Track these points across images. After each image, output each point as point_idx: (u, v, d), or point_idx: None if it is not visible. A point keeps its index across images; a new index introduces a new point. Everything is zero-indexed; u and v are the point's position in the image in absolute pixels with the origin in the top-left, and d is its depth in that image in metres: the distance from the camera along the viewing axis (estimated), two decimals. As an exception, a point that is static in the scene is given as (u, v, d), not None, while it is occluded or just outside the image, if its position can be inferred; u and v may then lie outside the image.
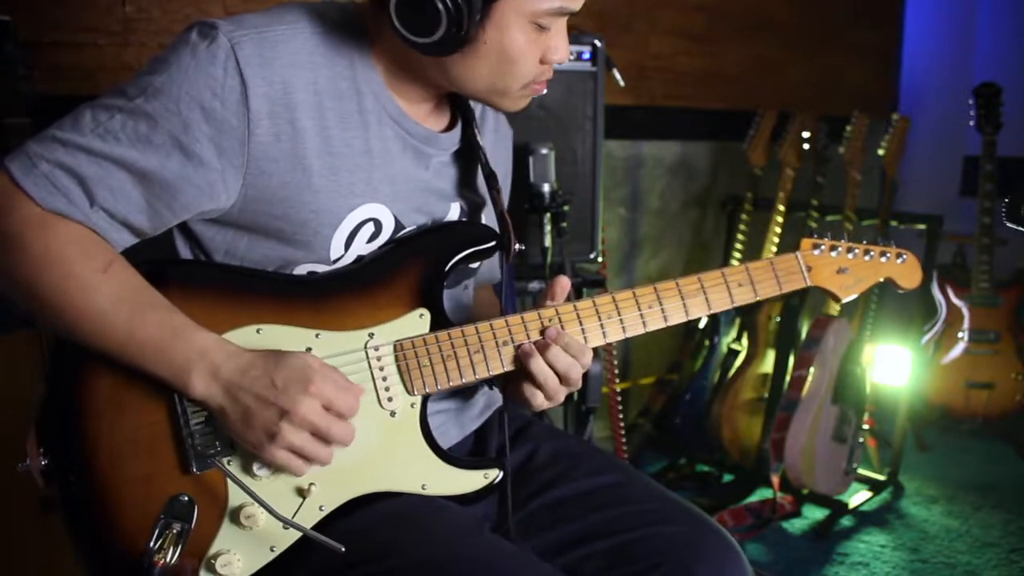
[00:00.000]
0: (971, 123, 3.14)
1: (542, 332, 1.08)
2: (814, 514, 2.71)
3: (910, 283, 1.27)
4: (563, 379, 1.07)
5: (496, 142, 1.31)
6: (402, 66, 1.08)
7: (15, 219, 0.93)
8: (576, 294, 2.14)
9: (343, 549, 0.95)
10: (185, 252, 1.08)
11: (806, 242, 1.23)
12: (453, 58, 1.02)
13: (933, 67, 4.06)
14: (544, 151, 1.95)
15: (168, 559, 0.93)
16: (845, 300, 1.25)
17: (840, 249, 1.23)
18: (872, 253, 1.25)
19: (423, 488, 1.05)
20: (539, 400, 1.08)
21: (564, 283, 1.11)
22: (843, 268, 1.23)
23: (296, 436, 0.94)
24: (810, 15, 3.62)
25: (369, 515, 1.02)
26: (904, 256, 1.26)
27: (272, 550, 0.99)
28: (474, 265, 1.22)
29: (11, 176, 0.93)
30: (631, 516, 1.13)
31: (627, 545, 1.10)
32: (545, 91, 1.11)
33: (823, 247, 1.22)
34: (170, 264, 1.05)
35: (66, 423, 0.97)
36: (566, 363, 1.06)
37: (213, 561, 0.97)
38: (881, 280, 1.26)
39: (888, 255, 1.25)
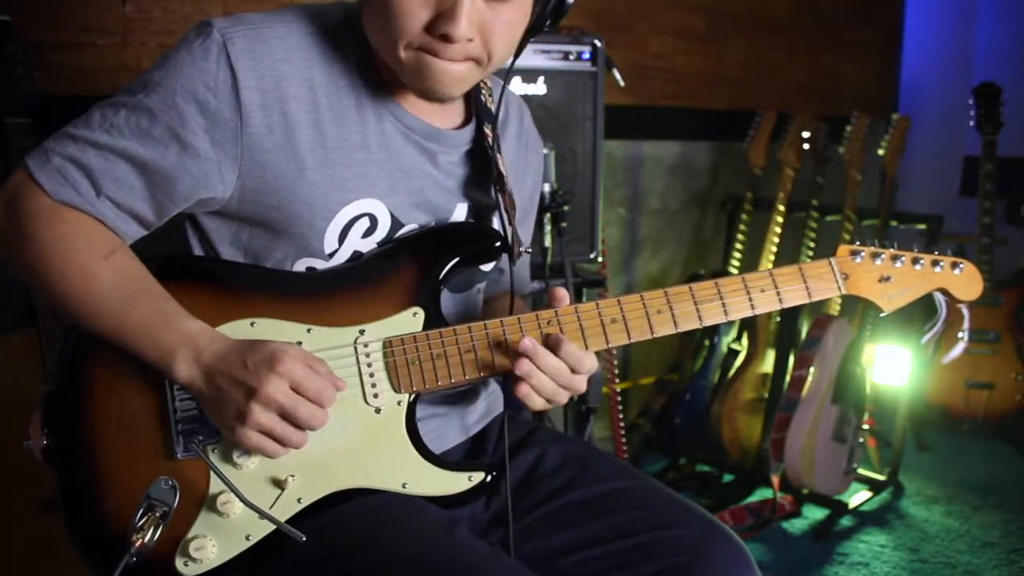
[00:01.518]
0: (971, 123, 3.14)
1: (546, 336, 1.06)
2: (814, 514, 2.71)
3: (969, 294, 1.17)
4: (556, 381, 1.05)
5: (519, 149, 1.29)
6: None
7: (29, 210, 0.99)
8: (576, 294, 2.14)
9: (303, 538, 0.97)
10: (195, 244, 1.11)
11: (843, 248, 1.15)
12: (364, 13, 1.05)
13: (933, 67, 4.06)
14: (544, 151, 1.94)
15: (146, 540, 0.96)
16: (889, 311, 1.16)
17: (884, 257, 1.15)
18: (922, 262, 1.16)
19: (404, 487, 1.05)
20: (536, 402, 1.06)
21: (562, 295, 1.09)
22: (886, 276, 1.15)
23: (264, 416, 0.95)
24: (810, 15, 3.62)
25: (347, 510, 1.03)
26: (962, 265, 1.17)
27: (247, 539, 1.00)
28: (486, 268, 1.22)
29: (28, 170, 1.00)
30: (641, 520, 1.13)
31: (636, 548, 1.10)
32: (457, 72, 1.02)
33: (863, 254, 1.14)
34: (173, 259, 1.09)
35: (69, 404, 1.01)
36: (554, 366, 1.04)
37: (188, 546, 0.98)
38: (933, 291, 1.17)
39: (942, 264, 1.16)
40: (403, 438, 1.06)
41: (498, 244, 1.14)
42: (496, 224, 1.20)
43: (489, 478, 1.08)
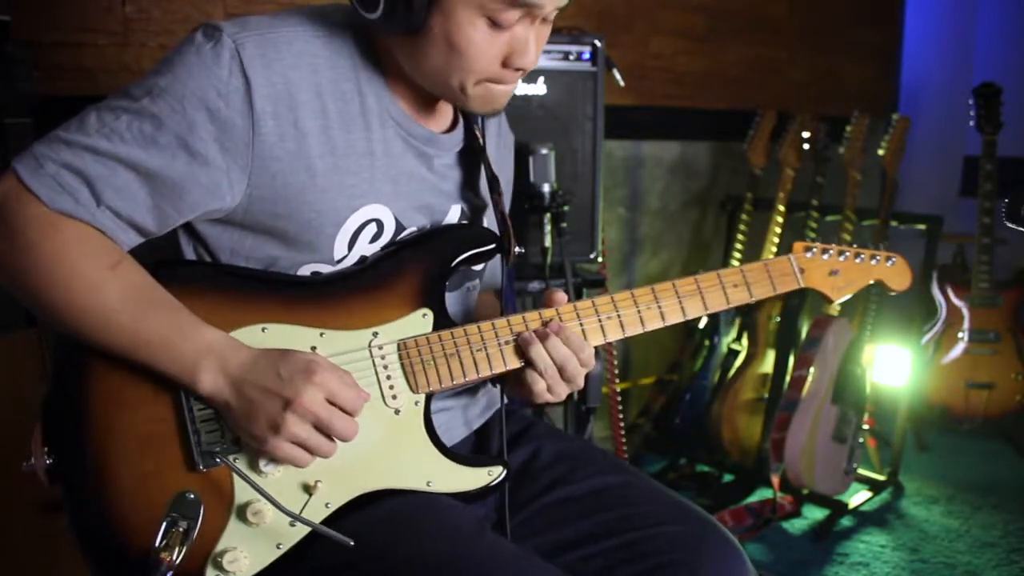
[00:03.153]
0: (971, 123, 3.14)
1: (547, 323, 1.10)
2: (814, 514, 2.71)
3: (899, 285, 1.32)
4: (561, 371, 1.08)
5: (499, 147, 1.31)
6: (399, 65, 1.08)
7: (23, 219, 0.94)
8: (576, 294, 2.14)
9: (352, 543, 0.95)
10: (189, 252, 1.08)
11: (798, 245, 1.27)
12: (410, 45, 1.03)
13: (933, 67, 4.06)
14: (544, 151, 1.95)
15: (174, 557, 0.91)
16: (837, 301, 1.30)
17: (832, 252, 1.28)
18: (863, 256, 1.29)
19: (428, 485, 1.06)
20: (540, 387, 1.09)
21: (560, 297, 1.12)
22: (835, 270, 1.28)
23: (299, 427, 0.94)
24: (810, 15, 3.62)
25: (373, 513, 1.03)
26: (893, 259, 1.31)
27: (279, 547, 1.00)
28: (477, 267, 1.23)
29: (19, 177, 0.94)
30: (635, 517, 1.13)
31: (630, 545, 1.11)
32: (512, 92, 1.09)
33: (815, 250, 1.27)
34: (177, 264, 1.06)
35: (71, 421, 0.97)
36: (563, 354, 1.08)
37: (220, 559, 0.97)
38: (871, 282, 1.30)
39: (878, 258, 1.30)
40: (423, 437, 1.07)
41: (494, 245, 1.15)
42: (491, 224, 1.22)
43: (506, 473, 1.09)
